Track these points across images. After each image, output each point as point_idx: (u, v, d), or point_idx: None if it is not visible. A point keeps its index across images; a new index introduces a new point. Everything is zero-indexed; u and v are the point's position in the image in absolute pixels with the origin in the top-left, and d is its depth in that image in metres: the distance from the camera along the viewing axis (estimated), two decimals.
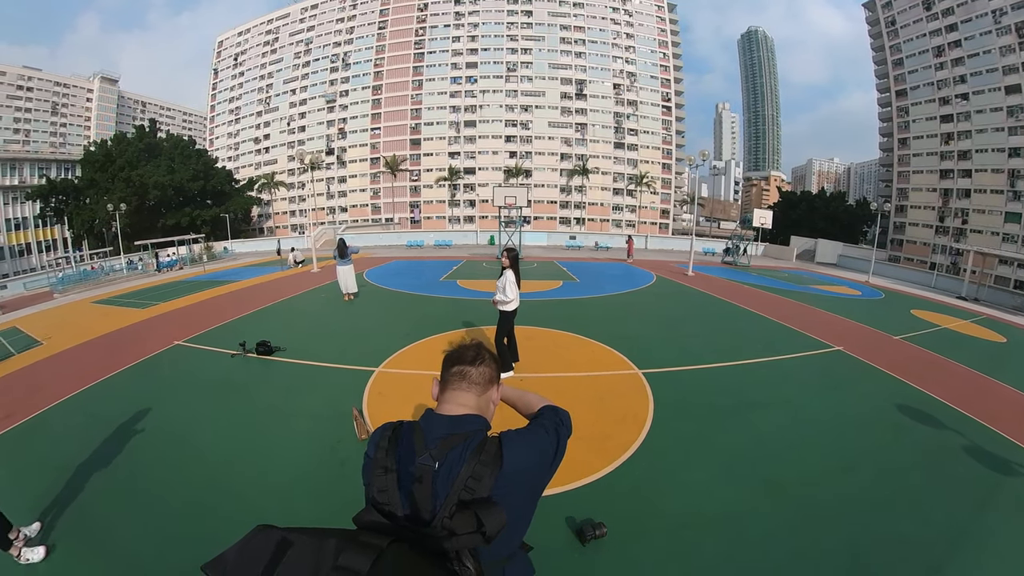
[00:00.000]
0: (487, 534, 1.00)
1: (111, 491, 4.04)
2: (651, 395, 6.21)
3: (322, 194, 67.76)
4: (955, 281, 23.64)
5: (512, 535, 1.18)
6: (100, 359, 7.96)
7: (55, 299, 17.09)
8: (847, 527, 3.68)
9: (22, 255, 54.06)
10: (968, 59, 50.48)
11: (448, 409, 1.30)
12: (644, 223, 63.73)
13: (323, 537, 0.93)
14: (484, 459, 1.11)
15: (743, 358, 8.08)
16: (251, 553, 0.90)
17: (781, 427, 5.49)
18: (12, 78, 72.02)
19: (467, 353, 1.39)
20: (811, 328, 10.62)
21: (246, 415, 5.63)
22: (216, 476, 4.27)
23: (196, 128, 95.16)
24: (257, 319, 10.97)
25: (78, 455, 4.60)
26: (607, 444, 4.83)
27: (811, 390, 6.91)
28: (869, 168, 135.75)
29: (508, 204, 25.84)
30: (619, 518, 3.56)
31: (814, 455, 4.86)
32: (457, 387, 1.34)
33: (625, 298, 14.65)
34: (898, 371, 7.75)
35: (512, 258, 6.60)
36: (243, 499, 3.89)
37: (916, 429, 5.67)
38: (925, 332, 11.51)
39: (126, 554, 3.29)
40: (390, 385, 6.26)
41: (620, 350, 8.07)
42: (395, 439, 1.21)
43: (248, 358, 7.63)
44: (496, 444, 1.17)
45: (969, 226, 50.63)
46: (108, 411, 5.69)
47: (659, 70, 67.41)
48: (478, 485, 1.07)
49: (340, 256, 12.79)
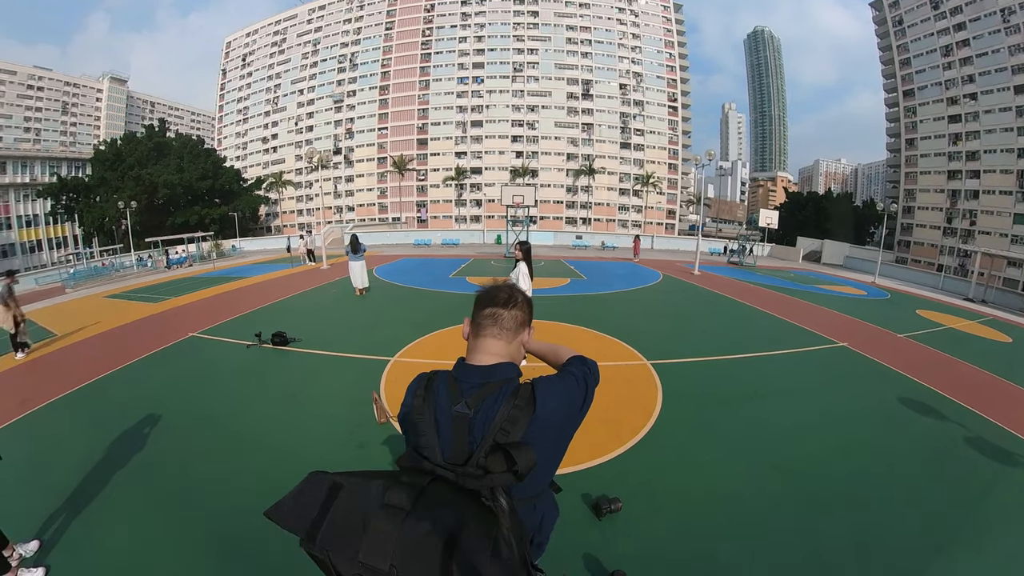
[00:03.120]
0: (519, 472, 1.07)
1: (129, 482, 4.07)
2: (659, 384, 6.33)
3: (329, 193, 68.17)
4: (962, 283, 23.34)
5: (542, 474, 1.28)
6: (116, 349, 8.06)
7: (67, 293, 17.29)
8: (848, 508, 3.83)
9: (33, 251, 54.65)
10: (976, 58, 50.19)
11: (481, 359, 1.34)
12: (650, 223, 63.69)
13: (370, 478, 1.04)
14: (519, 404, 1.18)
15: (749, 352, 8.19)
16: (307, 496, 1.02)
17: (785, 416, 5.61)
18: (23, 78, 72.87)
19: (500, 295, 1.39)
20: (816, 325, 10.71)
21: (265, 401, 5.77)
22: (238, 460, 4.40)
23: (204, 128, 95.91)
24: (270, 313, 11.12)
25: (95, 443, 4.65)
26: (619, 428, 4.98)
27: (815, 382, 7.02)
28: (876, 169, 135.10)
29: (516, 203, 25.98)
30: (632, 495, 3.72)
31: (818, 442, 4.99)
32: (489, 332, 1.36)
33: (632, 295, 14.77)
34: (902, 366, 7.84)
35: (525, 251, 6.61)
36: (266, 479, 3.97)
37: (919, 420, 5.78)
38: (930, 331, 11.54)
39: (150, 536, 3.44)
40: (407, 373, 6.36)
41: (629, 343, 8.19)
42: (431, 388, 1.27)
43: (264, 348, 7.78)
44: (529, 390, 1.22)
45: (977, 227, 50.33)
46: (125, 398, 5.86)
47: (665, 70, 67.40)
48: (513, 428, 1.14)
49: (352, 252, 12.98)
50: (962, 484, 4.34)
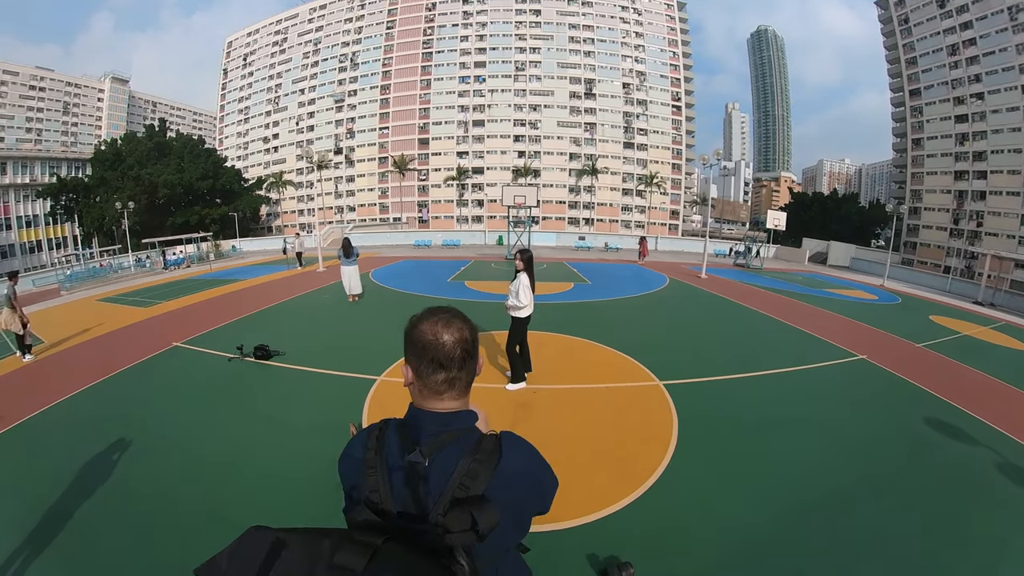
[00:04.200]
0: (480, 532, 0.97)
1: (92, 510, 3.83)
2: (674, 410, 5.84)
3: (330, 193, 67.92)
4: (970, 285, 23.41)
5: (506, 534, 1.10)
6: (98, 360, 7.85)
7: (62, 296, 17.18)
8: (886, 556, 3.39)
9: (32, 252, 54.61)
10: (983, 57, 49.62)
11: (435, 406, 1.20)
12: (654, 224, 63.19)
13: (318, 536, 0.90)
14: (480, 457, 1.08)
15: (766, 368, 7.73)
16: (245, 555, 0.87)
17: (809, 446, 5.17)
18: (25, 78, 72.81)
19: (454, 354, 1.17)
20: (832, 335, 10.26)
21: (239, 425, 5.40)
22: (204, 492, 4.06)
23: (206, 128, 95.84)
24: (258, 320, 10.76)
25: (62, 467, 4.41)
26: (632, 466, 4.51)
27: (838, 404, 6.56)
28: (880, 169, 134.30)
29: (518, 203, 25.56)
30: (646, 556, 3.25)
31: (846, 476, 4.54)
32: (446, 395, 1.20)
33: (639, 301, 14.29)
34: (927, 383, 7.40)
35: (526, 260, 6.16)
36: (230, 523, 3.57)
37: (951, 446, 5.34)
38: (947, 339, 11.12)
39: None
40: (392, 396, 5.98)
41: (637, 358, 7.72)
42: (382, 438, 1.16)
43: (246, 362, 7.41)
44: (495, 442, 1.12)
45: (984, 229, 49.75)
46: (99, 417, 5.59)
47: (669, 69, 66.91)
48: (473, 483, 1.03)
49: (345, 256, 12.50)
50: (1008, 524, 3.88)
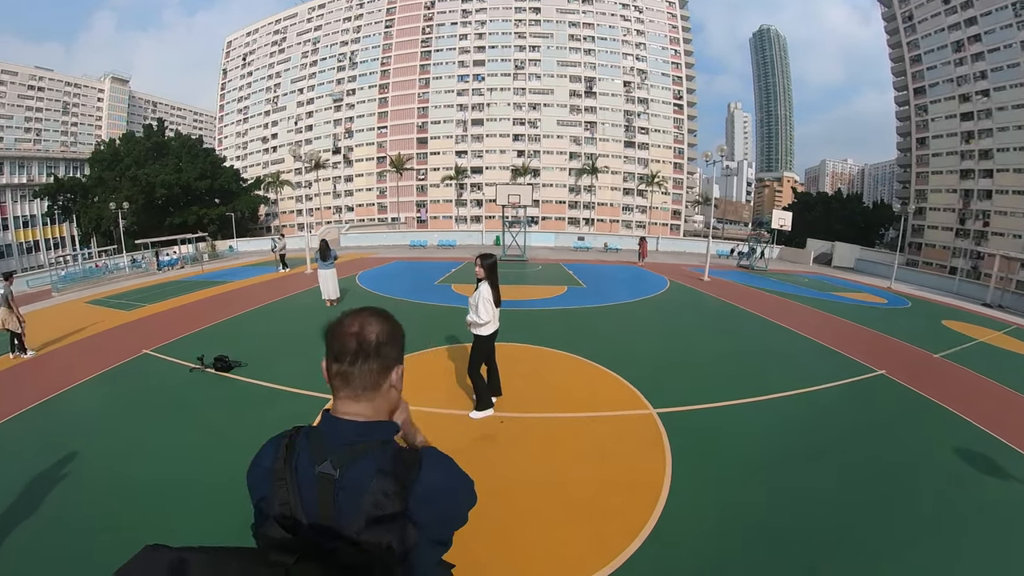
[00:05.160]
0: (396, 552, 0.93)
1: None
2: (668, 447, 4.92)
3: (328, 193, 67.49)
4: (977, 286, 23.14)
5: (426, 552, 1.03)
6: (64, 368, 7.58)
7: (53, 297, 17.06)
8: None
9: (30, 252, 54.38)
10: (989, 54, 48.94)
11: (347, 410, 1.10)
12: (655, 224, 62.54)
13: (224, 556, 0.83)
14: (398, 472, 1.00)
15: (777, 389, 6.83)
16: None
17: (831, 491, 4.39)
18: (24, 78, 72.56)
19: (347, 346, 1.10)
20: (845, 345, 9.59)
21: (185, 445, 5.03)
22: (140, 518, 3.75)
23: (206, 128, 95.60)
24: (229, 327, 10.32)
25: None
26: (608, 527, 3.67)
27: (860, 433, 5.71)
28: (884, 169, 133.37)
29: (512, 203, 25.03)
30: None
31: (876, 533, 3.82)
32: (343, 393, 1.11)
33: (636, 307, 13.49)
34: (953, 403, 6.71)
35: (488, 267, 5.21)
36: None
37: (986, 482, 4.74)
38: (963, 347, 10.55)
39: None
40: None
41: (628, 377, 6.86)
42: (292, 447, 1.06)
43: (206, 373, 6.98)
44: (415, 457, 1.05)
45: (991, 228, 49.07)
46: (46, 433, 5.37)
47: (670, 67, 66.21)
48: (388, 501, 0.96)
49: (321, 258, 12.00)
50: None
